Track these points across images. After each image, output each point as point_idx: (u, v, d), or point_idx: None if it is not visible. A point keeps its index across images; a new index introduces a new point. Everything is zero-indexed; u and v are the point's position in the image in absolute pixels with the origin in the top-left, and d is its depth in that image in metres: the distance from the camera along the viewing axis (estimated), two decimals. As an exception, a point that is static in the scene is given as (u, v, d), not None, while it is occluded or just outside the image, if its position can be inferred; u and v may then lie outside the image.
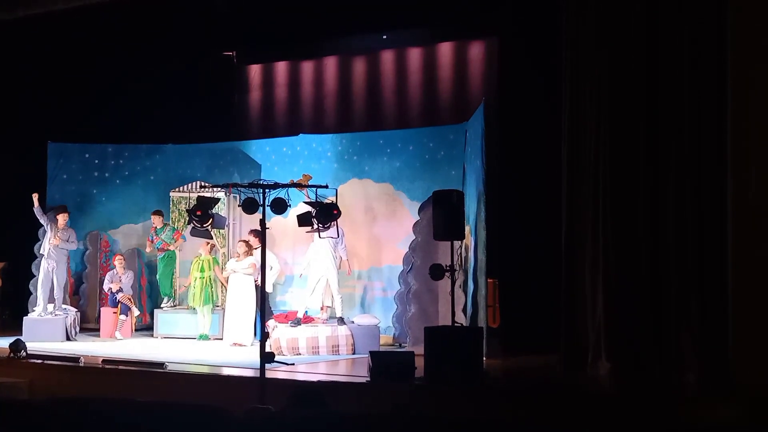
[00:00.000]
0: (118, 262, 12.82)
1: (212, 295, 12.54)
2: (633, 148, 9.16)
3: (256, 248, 11.73)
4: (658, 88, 9.09)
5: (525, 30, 11.10)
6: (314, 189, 9.21)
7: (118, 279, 12.66)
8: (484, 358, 9.06)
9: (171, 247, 12.92)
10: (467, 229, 10.47)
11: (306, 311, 11.47)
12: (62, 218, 12.59)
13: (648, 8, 9.17)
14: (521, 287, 10.90)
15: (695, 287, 8.70)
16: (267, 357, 8.20)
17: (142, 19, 12.69)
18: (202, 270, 12.54)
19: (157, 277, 13.10)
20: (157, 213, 13.01)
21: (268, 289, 11.85)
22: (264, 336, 8.39)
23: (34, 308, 12.27)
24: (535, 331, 10.61)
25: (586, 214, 9.46)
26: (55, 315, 12.12)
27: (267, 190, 8.26)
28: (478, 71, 13.04)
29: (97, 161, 14.02)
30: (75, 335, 12.32)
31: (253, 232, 11.96)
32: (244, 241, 12.07)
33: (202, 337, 12.36)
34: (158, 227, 12.95)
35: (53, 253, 12.37)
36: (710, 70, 8.73)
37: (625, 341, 9.05)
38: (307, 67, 14.51)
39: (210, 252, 12.63)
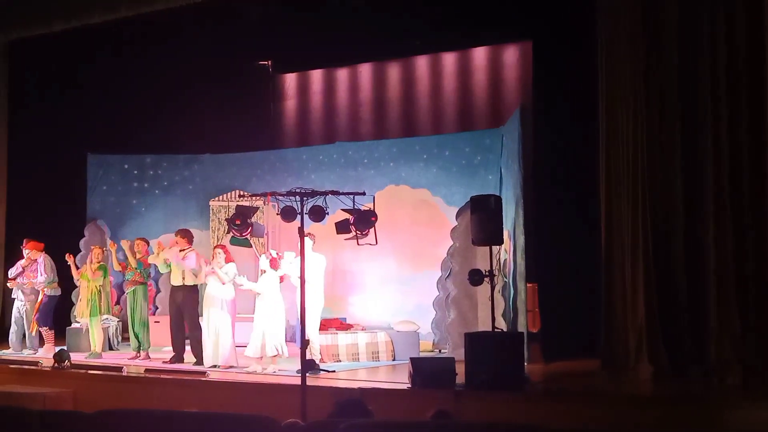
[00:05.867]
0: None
1: (99, 307, 11.46)
2: (670, 151, 9.11)
3: (185, 249, 10.96)
4: (694, 91, 9.02)
5: (559, 33, 11.02)
6: (351, 196, 9.24)
7: None
8: (525, 363, 9.02)
9: (141, 280, 11.33)
10: (506, 233, 10.43)
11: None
12: (35, 254, 11.94)
13: (682, 9, 9.10)
14: (561, 291, 10.82)
15: (736, 289, 8.62)
16: (308, 365, 8.23)
17: (178, 30, 12.82)
18: (89, 280, 11.51)
19: (129, 316, 11.35)
20: (144, 240, 11.71)
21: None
22: (304, 344, 8.40)
23: (77, 320, 12.38)
24: (575, 335, 10.54)
25: (625, 216, 9.39)
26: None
27: (305, 198, 8.30)
28: (514, 75, 13.01)
29: (136, 172, 14.18)
30: (117, 345, 12.42)
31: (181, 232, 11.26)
32: (222, 246, 10.79)
33: (92, 356, 11.31)
34: (140, 256, 11.41)
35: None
36: (747, 70, 8.65)
37: (666, 344, 8.98)
38: (342, 75, 14.57)
39: (102, 259, 11.63)
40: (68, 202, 14.12)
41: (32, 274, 11.91)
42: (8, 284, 12.28)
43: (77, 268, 11.83)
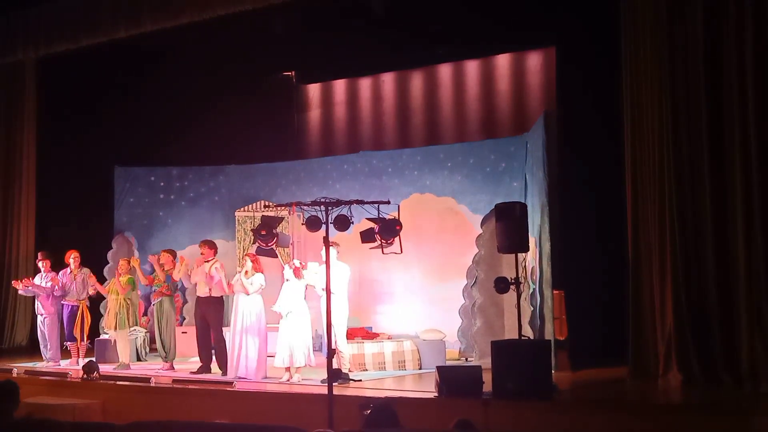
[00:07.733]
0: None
1: (127, 319, 11.51)
2: (698, 157, 8.99)
3: (210, 260, 10.94)
4: (721, 91, 8.93)
5: (583, 38, 10.98)
6: (376, 205, 9.25)
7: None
8: (553, 371, 8.96)
9: (168, 292, 11.32)
10: (532, 240, 10.38)
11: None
12: (47, 264, 12.04)
13: (706, 10, 9.03)
14: (588, 298, 10.75)
15: (767, 293, 8.51)
16: (335, 374, 8.24)
17: (202, 43, 12.92)
18: (117, 291, 11.55)
19: (156, 327, 11.37)
20: (171, 252, 11.65)
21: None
22: (330, 353, 8.40)
23: (105, 331, 12.44)
24: (603, 343, 10.46)
25: (652, 222, 9.32)
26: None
27: (330, 208, 8.32)
28: (537, 81, 12.98)
29: (162, 184, 14.30)
30: (145, 356, 12.51)
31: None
32: (252, 255, 10.55)
33: (120, 367, 11.35)
34: (167, 268, 11.36)
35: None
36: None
37: (696, 352, 8.88)
38: (365, 84, 14.62)
39: (129, 271, 11.64)
40: (96, 214, 14.26)
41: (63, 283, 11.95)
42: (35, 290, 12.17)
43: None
